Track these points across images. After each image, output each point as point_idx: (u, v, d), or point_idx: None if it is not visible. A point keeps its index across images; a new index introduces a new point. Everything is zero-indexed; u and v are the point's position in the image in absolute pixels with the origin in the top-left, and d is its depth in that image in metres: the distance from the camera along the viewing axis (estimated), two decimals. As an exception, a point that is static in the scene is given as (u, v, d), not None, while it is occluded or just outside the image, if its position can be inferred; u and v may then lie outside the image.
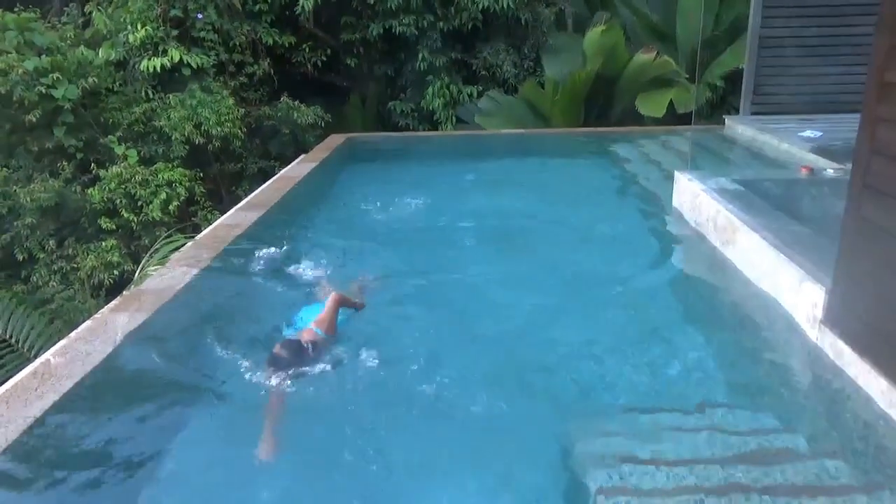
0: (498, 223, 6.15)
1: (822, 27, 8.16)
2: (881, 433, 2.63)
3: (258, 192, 6.90)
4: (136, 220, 9.16)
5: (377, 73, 13.03)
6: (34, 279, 9.03)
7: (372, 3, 11.46)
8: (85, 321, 3.66)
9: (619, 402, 3.09)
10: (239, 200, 6.96)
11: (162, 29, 10.10)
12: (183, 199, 9.42)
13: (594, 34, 11.02)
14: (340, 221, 6.33)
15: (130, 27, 10.00)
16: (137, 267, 6.57)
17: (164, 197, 9.15)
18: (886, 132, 2.76)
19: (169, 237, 6.73)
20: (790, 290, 3.61)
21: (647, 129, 10.14)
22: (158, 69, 10.00)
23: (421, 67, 12.03)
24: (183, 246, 5.38)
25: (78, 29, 11.04)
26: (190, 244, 5.19)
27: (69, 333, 3.48)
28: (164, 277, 4.31)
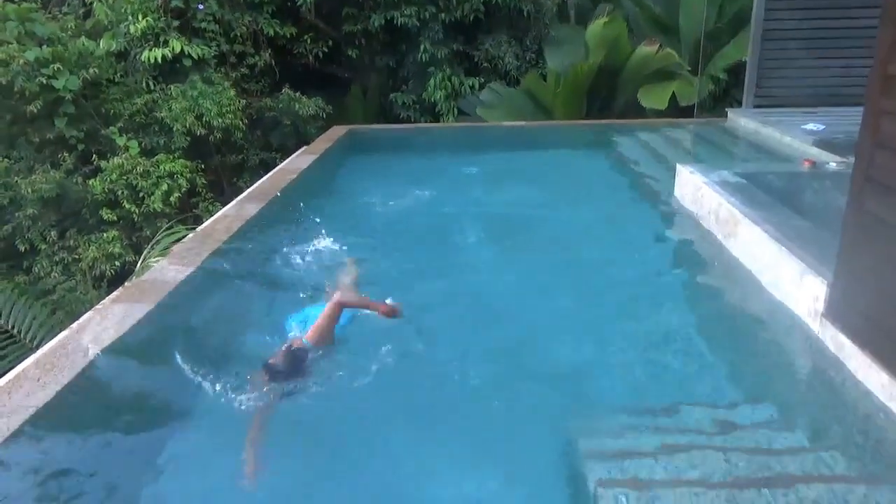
0: (499, 215, 6.15)
1: (825, 19, 8.13)
2: (881, 426, 2.64)
3: (259, 183, 6.89)
4: (137, 211, 9.16)
5: (379, 64, 12.99)
6: (36, 270, 9.05)
7: (373, -7, 11.45)
8: (86, 312, 3.67)
9: (618, 394, 3.10)
10: (240, 192, 6.94)
11: (163, 19, 10.06)
12: (184, 190, 9.42)
13: (597, 26, 10.99)
14: (342, 213, 6.33)
15: (131, 17, 9.96)
16: (139, 258, 6.60)
17: (165, 188, 9.14)
18: (890, 125, 2.75)
19: (170, 228, 6.77)
20: (791, 283, 3.60)
21: (649, 121, 10.11)
22: (159, 60, 9.97)
23: (422, 59, 12.00)
24: (184, 237, 5.39)
25: (79, 19, 11.01)
26: (191, 235, 5.19)
27: (71, 324, 3.49)
28: (165, 269, 4.31)
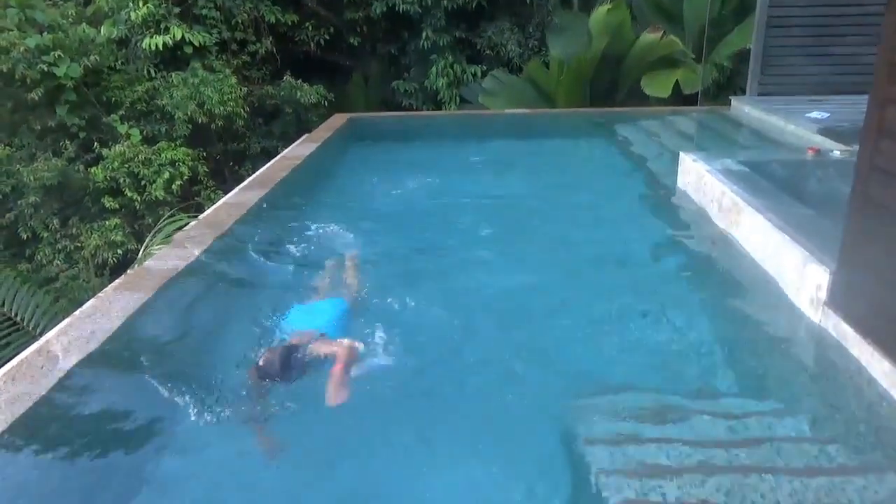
0: (502, 203, 6.13)
1: (831, 6, 8.06)
2: (884, 415, 2.64)
3: (261, 171, 6.87)
4: (139, 199, 9.16)
5: (380, 52, 12.93)
6: (38, 258, 9.08)
7: (375, -20, 11.38)
8: (89, 300, 3.67)
9: (621, 382, 3.09)
10: (242, 180, 6.94)
11: (163, 6, 10.02)
12: (186, 178, 9.42)
13: (600, 13, 10.91)
14: (343, 201, 6.32)
15: (132, 4, 9.92)
16: (141, 246, 6.61)
17: (167, 176, 9.14)
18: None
19: (172, 216, 6.76)
20: (794, 271, 3.60)
21: (652, 109, 10.06)
22: (160, 47, 9.94)
23: (424, 46, 11.93)
24: (186, 225, 5.39)
25: (79, 6, 10.96)
26: (193, 223, 5.19)
27: (74, 312, 3.50)
28: (167, 257, 4.31)
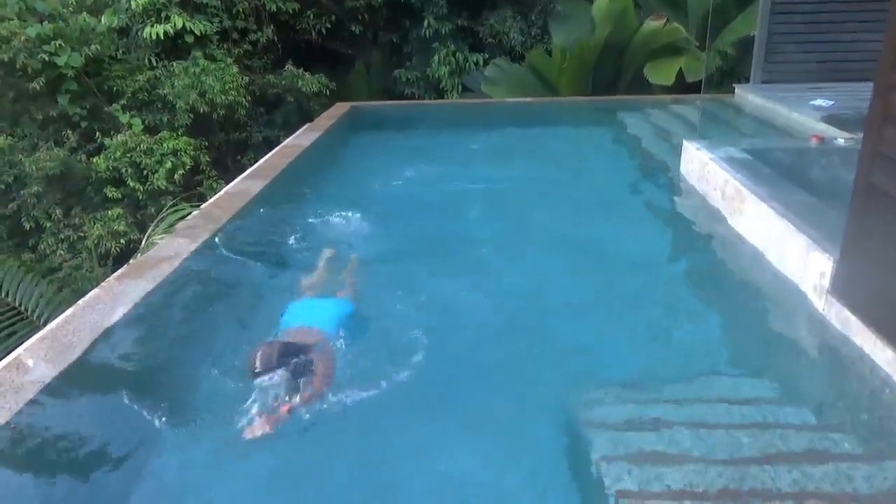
0: (504, 193, 6.12)
1: (836, -8, 7.98)
2: (886, 402, 2.64)
3: (263, 161, 6.87)
4: (141, 189, 9.16)
5: (382, 40, 12.87)
6: (42, 248, 9.09)
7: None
8: (92, 289, 3.68)
9: (622, 369, 3.10)
10: (244, 170, 6.94)
11: (164, -6, 9.98)
12: (188, 168, 9.40)
13: (603, 0, 10.82)
14: (345, 190, 6.32)
15: (132, -7, 9.87)
16: (144, 236, 6.62)
17: (169, 166, 9.13)
18: (901, 100, 2.71)
19: (174, 206, 6.76)
20: (798, 259, 3.59)
21: (655, 97, 10.01)
22: (161, 36, 9.90)
23: (426, 34, 11.87)
24: (188, 215, 5.39)
25: (80, -5, 10.91)
26: (195, 213, 5.19)
27: (77, 301, 3.51)
28: (170, 246, 4.32)
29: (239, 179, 6.11)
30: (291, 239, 4.91)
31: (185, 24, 9.97)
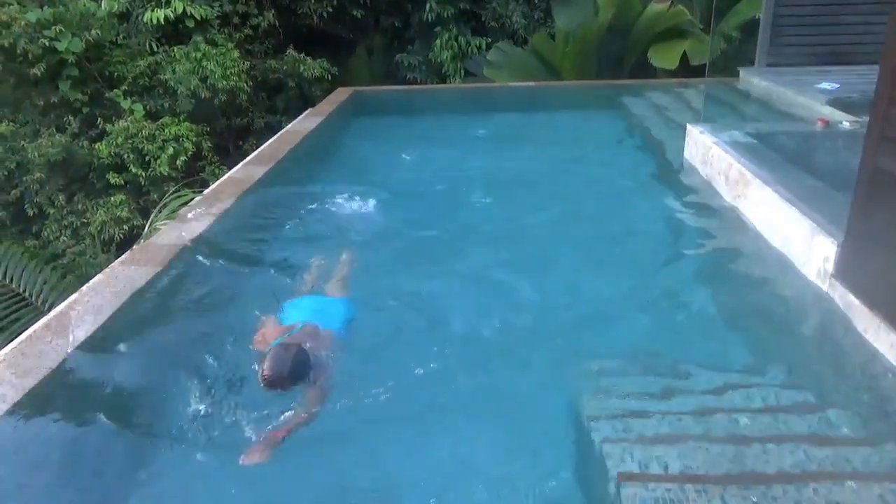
0: (507, 177, 6.10)
1: (842, -26, 7.89)
2: (889, 386, 2.64)
3: (265, 146, 6.86)
4: (144, 175, 9.15)
5: (384, 24, 12.78)
6: (45, 234, 9.11)
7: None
8: (96, 275, 3.69)
9: (625, 353, 3.10)
10: (246, 155, 6.92)
11: (164, -22, 9.90)
12: (190, 154, 9.38)
13: (607, -17, 10.72)
14: (347, 175, 6.29)
15: (132, -23, 9.81)
16: (147, 222, 6.62)
17: (171, 152, 9.11)
18: (907, 82, 2.69)
19: (177, 192, 6.76)
20: (802, 243, 3.58)
21: (659, 81, 9.94)
22: (162, 21, 9.84)
23: (428, 18, 11.78)
24: (191, 201, 5.39)
25: (79, -20, 10.83)
26: (198, 199, 5.19)
27: (81, 287, 3.52)
28: (172, 232, 4.33)
29: (241, 165, 6.10)
30: (292, 225, 4.90)
31: (185, 8, 9.90)
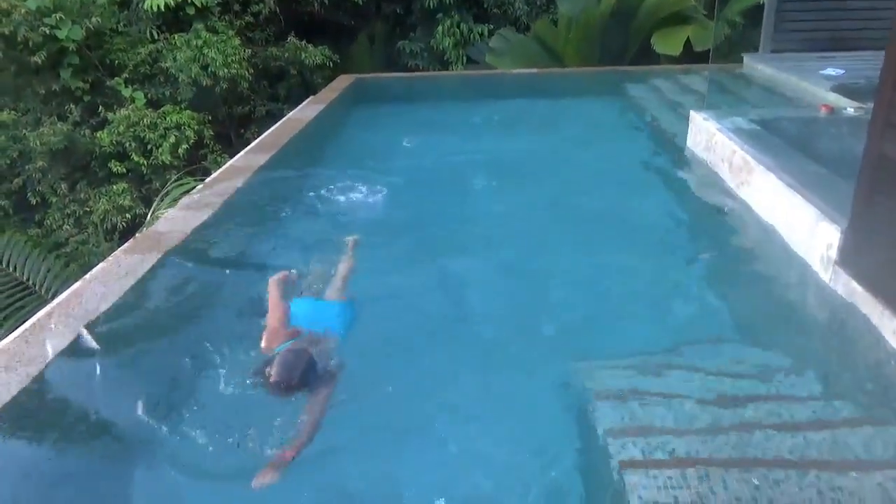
0: (510, 164, 6.09)
1: (848, -42, 7.81)
2: (891, 373, 2.64)
3: (266, 134, 6.84)
4: (146, 163, 9.15)
5: (385, 11, 12.70)
6: (48, 223, 9.12)
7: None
8: (99, 264, 3.70)
9: (628, 341, 3.11)
10: (248, 143, 6.91)
11: (164, -35, 9.83)
12: (192, 142, 9.36)
13: (610, -32, 10.62)
14: (350, 163, 6.27)
15: (132, -36, 9.75)
16: (149, 210, 6.62)
17: (173, 140, 9.10)
18: (913, 67, 2.67)
19: (179, 180, 6.75)
20: (805, 230, 3.57)
21: (663, 67, 9.87)
22: (162, 8, 9.79)
23: (430, 5, 11.71)
24: (193, 189, 5.39)
25: (79, -33, 10.77)
26: (200, 187, 5.19)
27: (84, 276, 3.53)
28: (175, 220, 4.33)
29: (243, 153, 6.10)
30: (294, 211, 4.90)
31: (186, -6, 9.86)
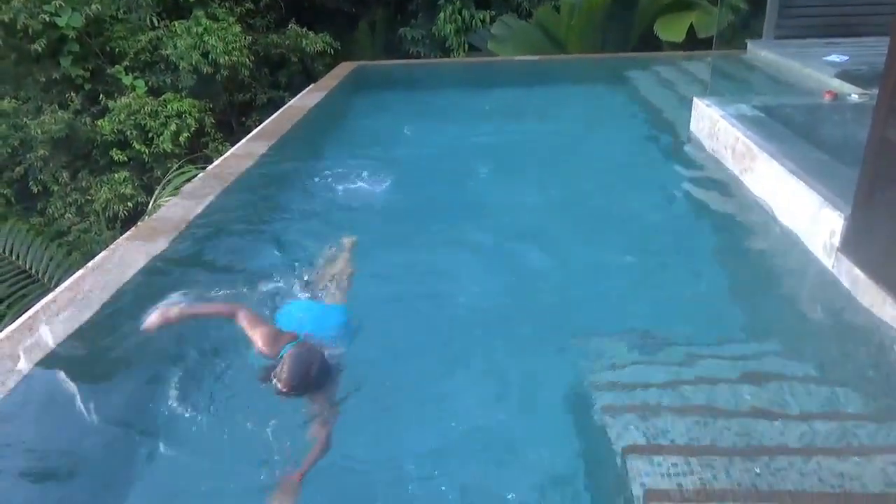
0: (512, 152, 6.06)
1: (853, -58, 7.73)
2: (894, 359, 2.64)
3: (268, 122, 6.83)
4: (147, 151, 9.13)
5: (386, -3, 12.64)
6: (50, 211, 9.12)
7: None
8: (101, 252, 3.71)
9: (629, 325, 3.11)
10: (249, 131, 6.90)
11: (164, -49, 9.79)
12: (193, 130, 9.35)
13: (613, -47, 10.53)
14: (351, 151, 6.26)
15: (131, -50, 9.69)
16: (151, 199, 6.62)
17: (174, 128, 9.08)
18: (918, 52, 2.65)
19: (180, 169, 6.75)
20: (808, 217, 3.56)
21: (666, 53, 9.81)
22: (162, -6, 9.77)
23: (432, -9, 11.64)
24: (194, 177, 5.39)
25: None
26: (201, 175, 5.19)
27: (87, 264, 3.54)
28: (176, 209, 4.33)
29: (244, 141, 6.09)
30: (296, 198, 4.89)
31: (185, -19, 9.81)
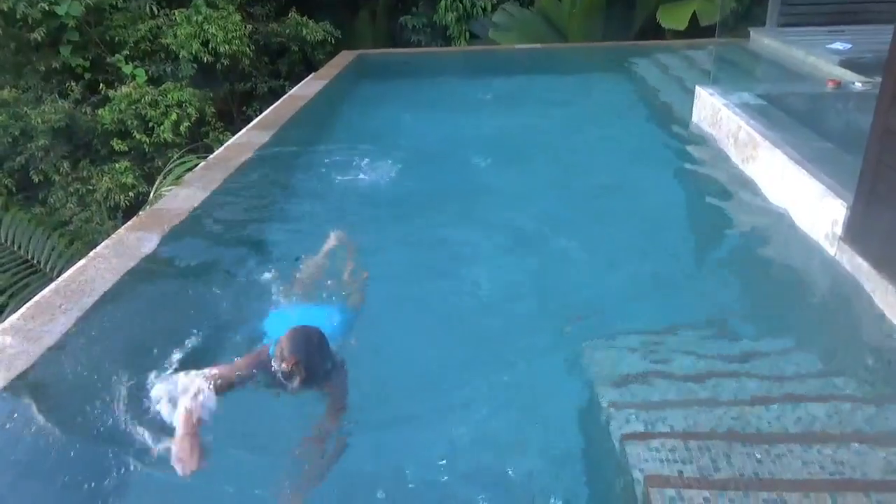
0: (513, 142, 6.05)
1: (857, -71, 7.66)
2: (895, 347, 2.64)
3: (268, 111, 6.81)
4: (147, 141, 9.11)
5: (387, -16, 12.54)
6: (51, 201, 9.10)
7: None
8: (103, 242, 3.71)
9: (631, 317, 3.11)
10: (250, 121, 6.88)
11: (163, -61, 9.72)
12: (193, 119, 9.31)
13: (615, -60, 10.46)
14: (352, 140, 6.24)
15: (130, -62, 9.63)
16: (152, 188, 6.62)
17: (174, 118, 9.05)
18: (923, 40, 2.63)
19: (181, 158, 6.74)
20: (810, 207, 3.55)
21: (668, 42, 9.76)
22: (162, -18, 9.71)
23: (433, -21, 11.56)
24: (195, 167, 5.38)
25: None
26: (202, 165, 5.18)
27: (88, 254, 3.54)
28: (177, 199, 4.33)
29: (244, 131, 6.08)
30: (295, 189, 4.89)
31: (185, -30, 9.75)
